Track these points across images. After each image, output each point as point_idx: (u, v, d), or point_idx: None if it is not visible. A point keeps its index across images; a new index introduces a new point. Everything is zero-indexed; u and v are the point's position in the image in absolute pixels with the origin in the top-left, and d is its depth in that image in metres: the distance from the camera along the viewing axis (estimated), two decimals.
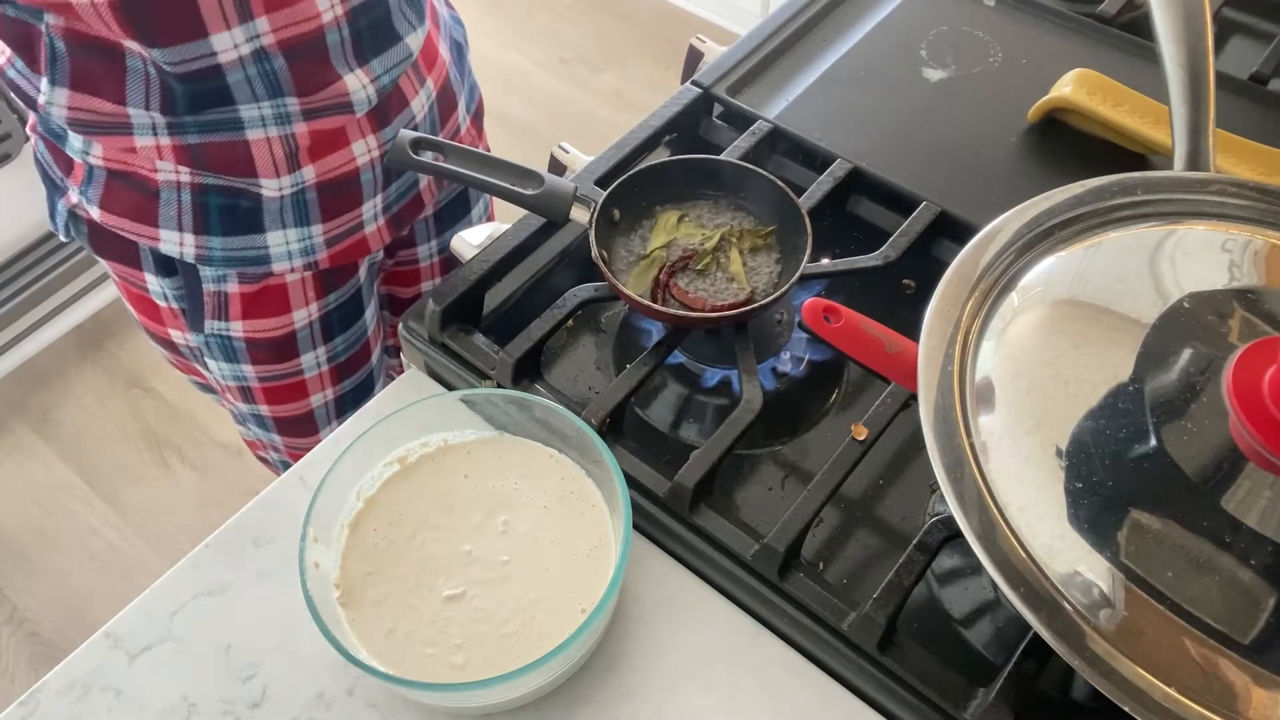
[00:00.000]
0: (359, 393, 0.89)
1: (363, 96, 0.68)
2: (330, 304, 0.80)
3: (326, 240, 0.74)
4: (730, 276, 0.63)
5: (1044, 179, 0.61)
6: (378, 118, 0.70)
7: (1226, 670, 0.39)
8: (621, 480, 0.52)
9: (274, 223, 0.71)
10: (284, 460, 0.97)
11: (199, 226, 0.69)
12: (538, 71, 2.30)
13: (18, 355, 1.73)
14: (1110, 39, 0.82)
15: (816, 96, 0.77)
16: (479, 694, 0.49)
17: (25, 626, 1.49)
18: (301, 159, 0.68)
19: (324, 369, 0.84)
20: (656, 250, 0.64)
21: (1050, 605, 0.41)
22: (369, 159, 0.72)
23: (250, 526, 0.59)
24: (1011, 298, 0.50)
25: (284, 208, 0.70)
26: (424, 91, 0.74)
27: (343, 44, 0.65)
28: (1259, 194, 0.52)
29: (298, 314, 0.78)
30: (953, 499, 0.43)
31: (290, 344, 0.80)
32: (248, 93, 0.63)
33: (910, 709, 0.50)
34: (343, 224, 0.74)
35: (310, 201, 0.71)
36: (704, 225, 0.65)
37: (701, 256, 0.63)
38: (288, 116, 0.66)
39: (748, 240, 0.64)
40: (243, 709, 0.53)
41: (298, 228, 0.72)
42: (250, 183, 0.68)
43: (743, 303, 0.61)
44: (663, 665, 0.54)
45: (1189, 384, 0.43)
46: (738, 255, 0.63)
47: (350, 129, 0.69)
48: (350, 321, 0.83)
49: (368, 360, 0.88)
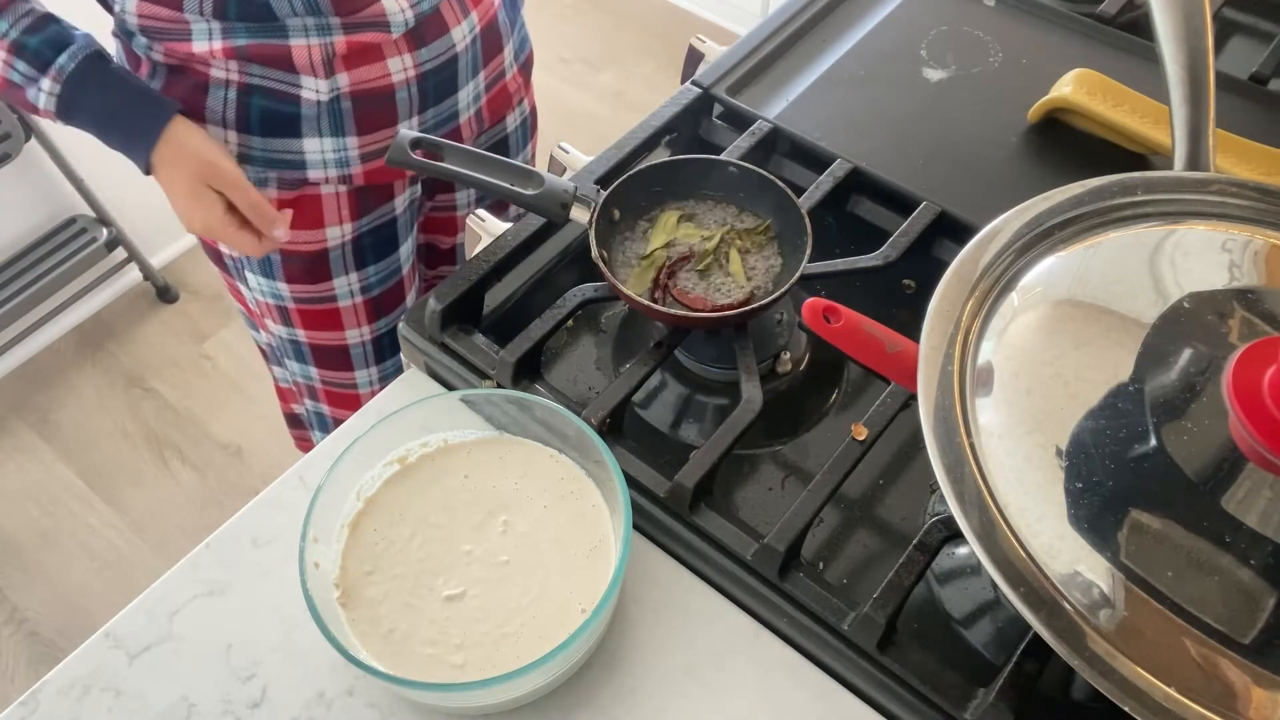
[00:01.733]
0: (395, 336, 0.90)
1: (400, 19, 0.71)
2: (364, 227, 0.83)
3: (361, 155, 0.77)
4: (729, 275, 0.62)
5: (1044, 179, 0.61)
6: (414, 38, 0.74)
7: (1226, 670, 0.39)
8: (621, 480, 0.52)
9: (311, 129, 0.75)
10: (318, 412, 1.00)
11: (241, 125, 0.75)
12: (538, 71, 2.29)
13: (18, 355, 1.73)
14: (1110, 39, 0.82)
15: (816, 96, 0.77)
16: (479, 694, 0.49)
17: (25, 626, 1.49)
18: (337, 65, 0.72)
19: (358, 300, 0.87)
20: (657, 250, 0.64)
21: (1050, 605, 0.41)
22: (404, 77, 0.75)
23: (250, 526, 0.59)
24: (1011, 298, 0.50)
25: (320, 114, 0.74)
26: (467, 23, 0.76)
27: None
28: (1259, 194, 0.52)
29: (330, 230, 0.81)
30: (953, 499, 0.43)
31: (323, 263, 0.83)
32: (287, 7, 0.67)
33: (910, 709, 0.50)
34: (378, 140, 0.77)
35: (346, 111, 0.74)
36: (704, 225, 0.65)
37: (702, 257, 0.63)
38: (328, 28, 0.70)
39: (748, 240, 0.64)
40: (243, 709, 0.53)
41: (334, 137, 0.76)
42: (292, 81, 0.72)
43: (743, 302, 0.61)
44: (663, 665, 0.54)
45: (1189, 384, 0.43)
46: (737, 255, 0.63)
47: (386, 46, 0.73)
48: (384, 252, 0.86)
49: (402, 301, 0.91)
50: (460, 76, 0.78)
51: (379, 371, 0.94)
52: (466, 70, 0.79)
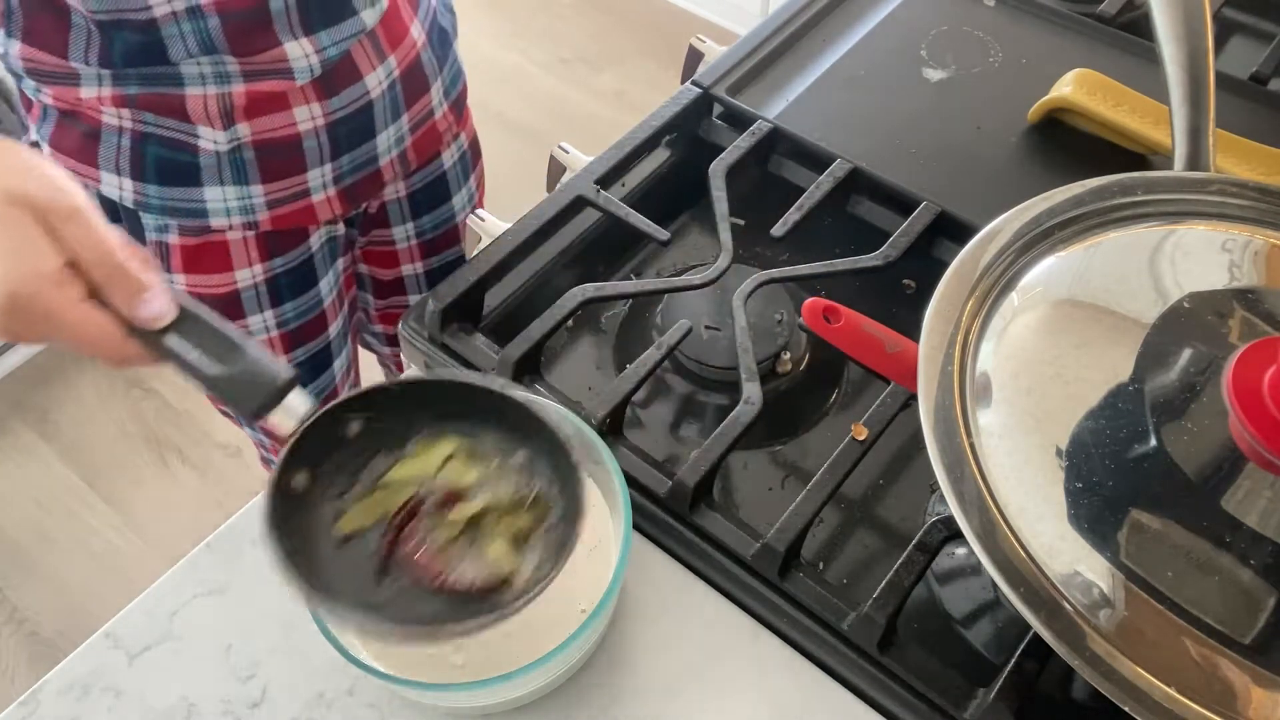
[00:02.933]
0: (315, 363, 0.87)
1: (304, 65, 0.67)
2: (277, 268, 0.78)
3: (268, 202, 0.73)
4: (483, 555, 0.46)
5: (1044, 179, 0.61)
6: (323, 86, 0.70)
7: (1226, 670, 0.39)
8: (621, 480, 0.52)
9: (211, 178, 0.71)
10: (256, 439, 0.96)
11: (136, 172, 0.70)
12: (538, 71, 2.30)
13: (18, 355, 1.73)
14: (1110, 39, 0.82)
15: (816, 96, 0.77)
16: (479, 694, 0.49)
17: (25, 626, 1.49)
18: (236, 115, 0.68)
19: (274, 334, 0.83)
20: (403, 480, 0.47)
21: (1050, 605, 0.41)
22: (313, 126, 0.71)
23: (250, 526, 0.59)
24: (1011, 298, 0.50)
25: (222, 164, 0.70)
26: (383, 68, 0.73)
27: (288, 12, 0.65)
28: (1259, 194, 0.52)
29: (240, 273, 0.77)
30: (953, 499, 0.43)
31: (235, 303, 0.79)
32: (181, 49, 0.63)
33: (910, 709, 0.50)
34: (285, 188, 0.73)
35: (249, 161, 0.71)
36: (484, 472, 0.48)
37: (447, 524, 0.46)
38: (227, 75, 0.66)
39: (516, 518, 0.47)
40: (243, 709, 0.53)
41: (236, 185, 0.72)
42: (188, 130, 0.68)
43: (487, 588, 0.45)
44: (663, 665, 0.54)
45: (1189, 384, 0.43)
46: (501, 538, 0.47)
47: (292, 94, 0.69)
48: (302, 289, 0.81)
49: (323, 331, 0.86)
50: (378, 121, 0.75)
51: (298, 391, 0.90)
52: (385, 115, 0.75)
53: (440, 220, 0.89)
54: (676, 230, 0.76)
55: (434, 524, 0.46)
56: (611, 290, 0.64)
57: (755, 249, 0.74)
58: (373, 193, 0.80)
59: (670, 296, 0.67)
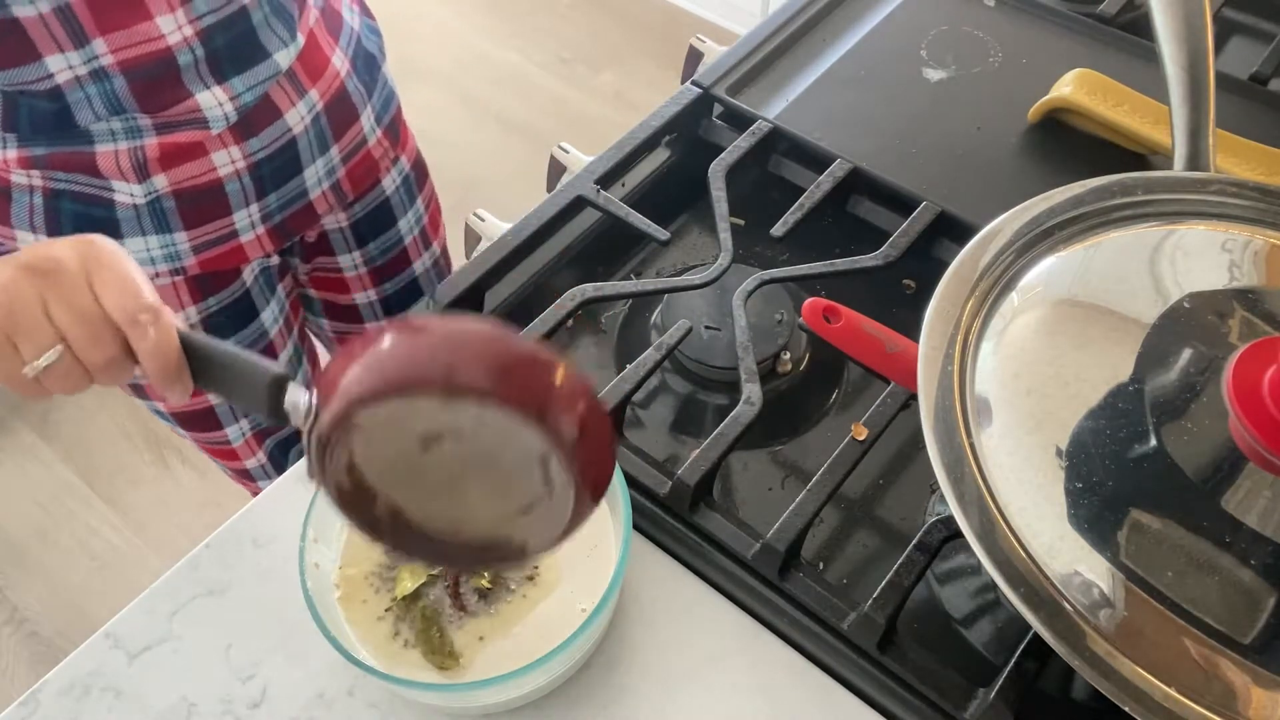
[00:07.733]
0: None
1: (219, 114, 0.66)
2: (212, 306, 0.77)
3: (194, 247, 0.72)
4: None
5: (1044, 179, 0.61)
6: (241, 130, 0.68)
7: (1226, 670, 0.39)
8: (621, 480, 0.52)
9: (132, 229, 0.69)
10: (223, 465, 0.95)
11: (52, 229, 0.68)
12: (538, 71, 2.29)
13: None
14: (1110, 39, 0.82)
15: (816, 96, 0.77)
16: (479, 694, 0.49)
17: (25, 626, 1.49)
18: (151, 168, 0.66)
19: None
20: None
21: (1050, 605, 0.41)
22: (233, 170, 0.69)
23: (250, 526, 0.59)
24: (1011, 298, 0.50)
25: (140, 215, 0.68)
26: (304, 103, 0.71)
27: (196, 63, 0.63)
28: (1259, 194, 0.52)
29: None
30: (953, 499, 0.43)
31: None
32: (89, 112, 0.62)
33: (910, 709, 0.50)
34: (211, 232, 0.72)
35: (170, 210, 0.69)
36: None
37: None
38: (138, 130, 0.64)
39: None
40: (243, 709, 0.53)
41: (159, 234, 0.70)
42: (102, 185, 0.67)
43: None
44: (663, 665, 0.54)
45: (1189, 384, 0.43)
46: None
47: (209, 142, 0.67)
48: (244, 323, 0.80)
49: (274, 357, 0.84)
50: (304, 156, 0.72)
51: (249, 424, 0.88)
52: (311, 149, 0.73)
53: (388, 245, 0.87)
54: (676, 230, 0.76)
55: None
56: (611, 290, 0.64)
57: (755, 249, 0.74)
58: (307, 225, 0.78)
59: (670, 296, 0.67)
